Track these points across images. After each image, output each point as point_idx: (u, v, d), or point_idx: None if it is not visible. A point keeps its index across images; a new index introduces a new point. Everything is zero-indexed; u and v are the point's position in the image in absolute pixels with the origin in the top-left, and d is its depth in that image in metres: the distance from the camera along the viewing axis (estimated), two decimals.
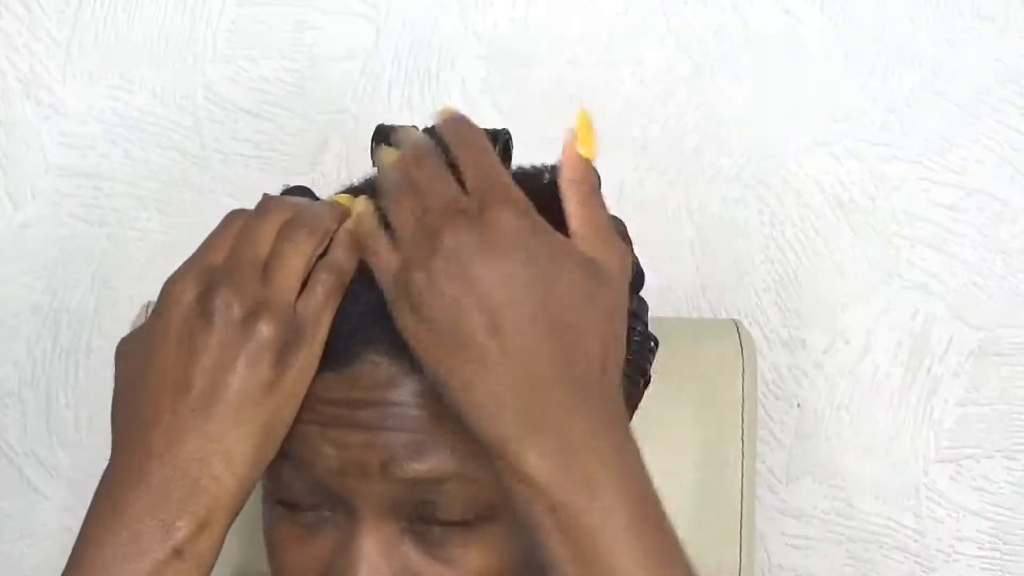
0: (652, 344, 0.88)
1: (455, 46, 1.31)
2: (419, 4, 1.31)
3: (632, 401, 0.85)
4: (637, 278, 0.86)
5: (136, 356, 0.79)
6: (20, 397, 1.34)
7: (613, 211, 1.32)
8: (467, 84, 1.31)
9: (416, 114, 1.31)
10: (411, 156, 0.79)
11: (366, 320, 0.78)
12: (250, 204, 0.91)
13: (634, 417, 0.85)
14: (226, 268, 0.78)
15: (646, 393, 0.86)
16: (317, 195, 0.88)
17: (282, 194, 0.86)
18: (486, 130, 0.84)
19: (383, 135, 0.83)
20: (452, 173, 0.78)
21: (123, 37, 1.31)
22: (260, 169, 1.31)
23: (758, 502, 1.30)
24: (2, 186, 1.32)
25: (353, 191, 0.85)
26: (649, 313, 0.92)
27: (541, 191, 0.80)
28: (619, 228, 0.85)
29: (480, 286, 0.73)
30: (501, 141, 0.84)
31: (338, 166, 1.30)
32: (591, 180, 0.81)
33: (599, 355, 0.75)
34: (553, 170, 0.84)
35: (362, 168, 0.86)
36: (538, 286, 0.74)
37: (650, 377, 0.88)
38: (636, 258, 0.85)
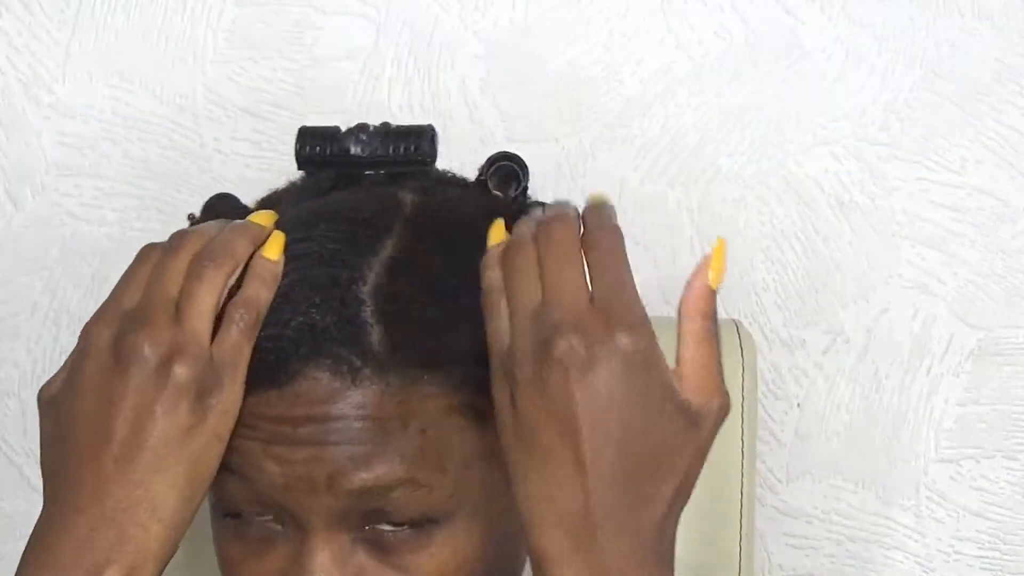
0: None
1: (455, 46, 1.31)
2: (419, 4, 1.31)
3: None
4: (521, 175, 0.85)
5: (57, 406, 0.79)
6: (20, 397, 1.34)
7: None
8: (467, 84, 1.31)
9: (416, 114, 1.31)
10: (550, 240, 0.76)
11: (305, 336, 0.77)
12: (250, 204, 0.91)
13: None
14: (139, 311, 0.78)
15: None
16: (244, 203, 0.88)
17: (205, 206, 0.85)
18: (411, 127, 0.84)
19: (310, 138, 0.83)
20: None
21: (123, 37, 1.31)
22: (260, 169, 1.31)
23: (758, 502, 1.30)
24: (2, 186, 1.32)
25: (275, 199, 0.85)
26: (650, 313, 0.91)
27: (467, 205, 0.80)
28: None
29: (578, 405, 0.72)
30: (427, 136, 0.83)
31: None
32: (713, 315, 0.77)
33: (669, 501, 0.74)
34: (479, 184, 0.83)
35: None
36: (634, 421, 0.73)
37: None
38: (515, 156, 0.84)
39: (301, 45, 1.31)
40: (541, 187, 1.33)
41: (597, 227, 0.77)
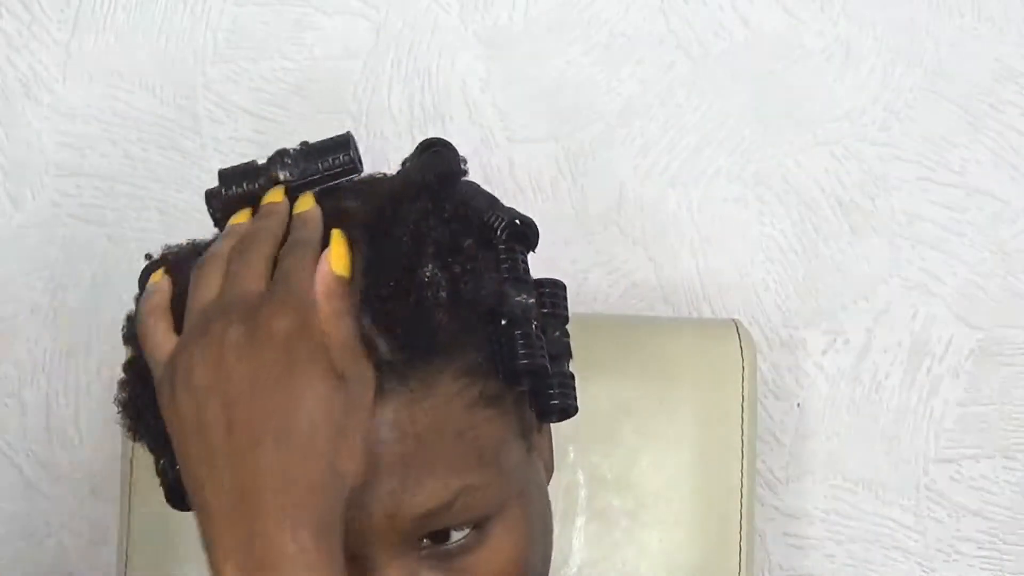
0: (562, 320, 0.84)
1: (455, 46, 1.31)
2: (419, 4, 1.31)
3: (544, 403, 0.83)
4: (533, 238, 0.83)
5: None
6: (20, 397, 1.34)
7: (613, 211, 1.32)
8: (467, 84, 1.31)
9: (416, 114, 1.31)
10: (241, 246, 0.78)
11: None
12: None
13: (633, 416, 0.85)
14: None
15: (646, 393, 0.85)
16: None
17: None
18: (332, 140, 0.84)
19: (227, 180, 0.83)
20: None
21: (123, 37, 1.31)
22: None
23: (758, 502, 1.30)
24: (2, 186, 1.32)
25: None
26: (650, 313, 0.91)
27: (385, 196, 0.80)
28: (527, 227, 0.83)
29: (229, 383, 0.73)
30: (351, 145, 0.83)
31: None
32: (343, 295, 0.77)
33: (328, 459, 0.73)
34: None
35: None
36: (281, 394, 0.72)
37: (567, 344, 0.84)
38: (527, 218, 0.83)
39: (301, 45, 1.31)
40: (542, 187, 1.33)
41: (294, 238, 0.78)
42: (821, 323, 1.33)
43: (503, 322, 0.79)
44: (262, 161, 0.84)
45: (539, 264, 0.80)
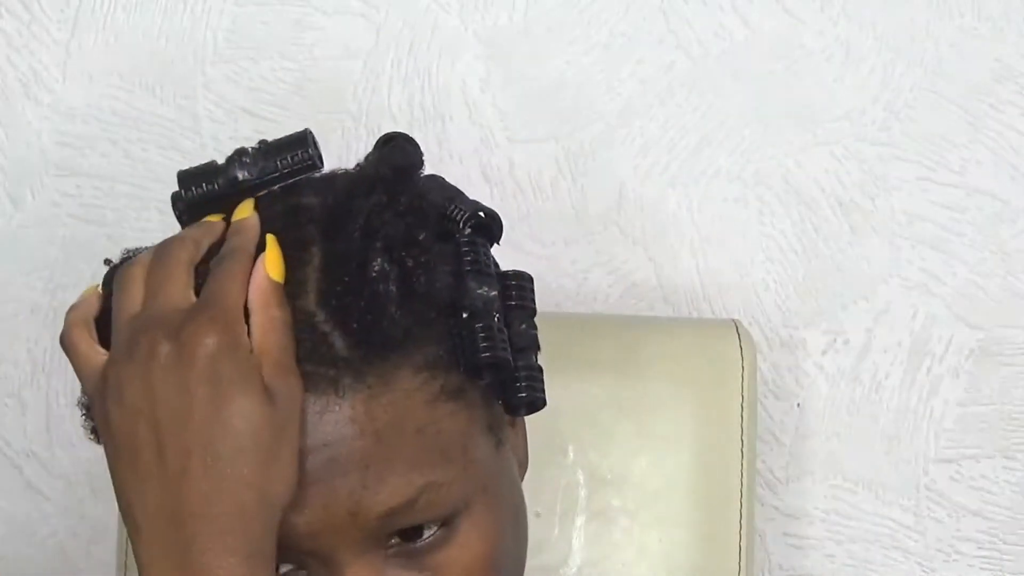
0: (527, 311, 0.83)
1: (455, 46, 1.31)
2: (419, 4, 1.31)
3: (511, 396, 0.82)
4: (497, 230, 0.83)
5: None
6: (20, 397, 1.34)
7: (613, 211, 1.32)
8: (467, 84, 1.31)
9: (416, 114, 1.31)
10: (159, 253, 0.78)
11: None
12: None
13: (633, 416, 0.85)
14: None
15: (646, 393, 0.85)
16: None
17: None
18: (290, 137, 0.83)
19: (186, 182, 0.83)
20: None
21: (123, 37, 1.31)
22: None
23: (758, 502, 1.30)
24: (2, 186, 1.32)
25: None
26: (650, 313, 0.91)
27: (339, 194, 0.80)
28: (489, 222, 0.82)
29: (157, 404, 0.73)
30: (310, 141, 0.83)
31: (338, 166, 1.30)
32: (281, 304, 0.76)
33: (258, 480, 0.73)
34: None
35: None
36: (208, 418, 0.72)
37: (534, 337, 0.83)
38: (490, 210, 0.82)
39: (301, 45, 1.31)
40: (542, 187, 1.33)
41: (228, 248, 0.78)
42: (821, 323, 1.33)
43: (464, 315, 0.78)
44: (222, 161, 0.83)
45: (539, 264, 0.80)
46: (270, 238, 0.77)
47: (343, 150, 1.31)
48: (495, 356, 0.78)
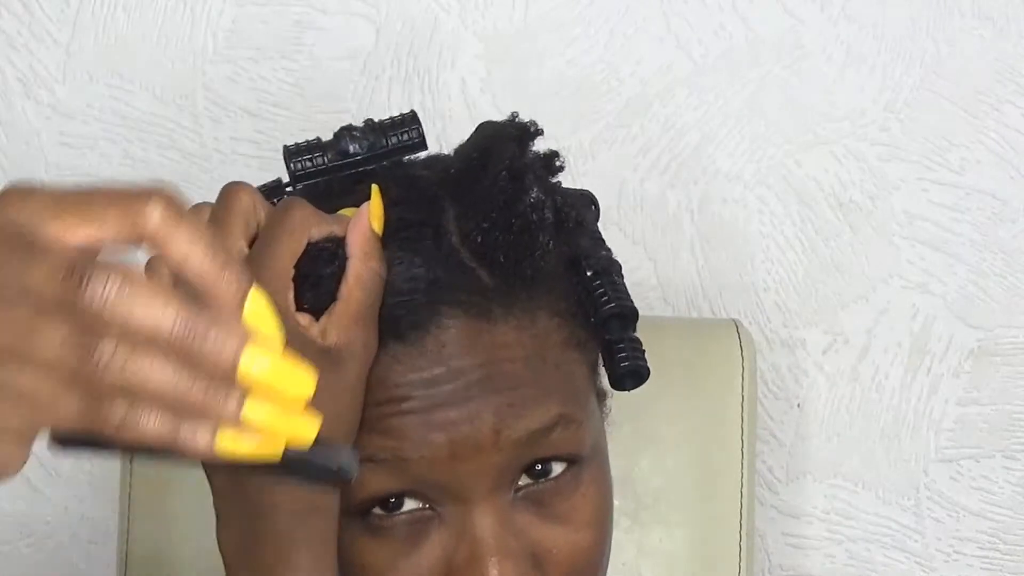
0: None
1: (455, 46, 1.31)
2: (419, 4, 1.31)
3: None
4: (597, 208, 0.86)
5: None
6: None
7: (613, 211, 1.32)
8: (467, 84, 1.31)
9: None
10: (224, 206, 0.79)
11: (422, 287, 0.76)
12: None
13: (632, 416, 0.85)
14: None
15: (646, 393, 0.85)
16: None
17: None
18: (399, 117, 0.83)
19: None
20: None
21: (123, 37, 1.31)
22: (260, 169, 1.31)
23: (758, 502, 1.30)
24: (2, 186, 1.32)
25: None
26: (650, 313, 0.92)
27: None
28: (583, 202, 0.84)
29: None
30: (417, 122, 0.83)
31: None
32: (379, 257, 0.76)
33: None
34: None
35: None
36: None
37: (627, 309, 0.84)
38: (586, 191, 0.85)
39: (301, 45, 1.31)
40: None
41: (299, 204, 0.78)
42: (821, 323, 1.33)
43: (588, 273, 0.81)
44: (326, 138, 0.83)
45: None
46: (375, 188, 0.78)
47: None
48: (624, 307, 0.81)
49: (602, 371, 0.83)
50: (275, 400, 0.58)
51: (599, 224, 0.86)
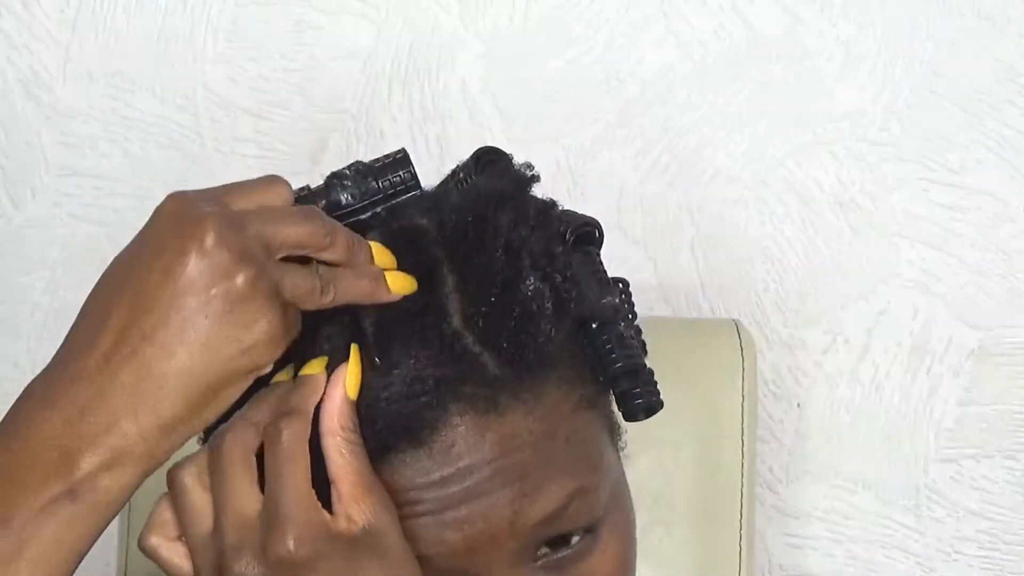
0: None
1: (455, 46, 1.31)
2: (419, 4, 1.31)
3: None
4: (600, 238, 0.84)
5: (119, 261, 0.81)
6: None
7: (613, 211, 1.32)
8: (467, 84, 1.31)
9: (416, 114, 1.31)
10: (214, 452, 0.75)
11: (426, 389, 0.74)
12: None
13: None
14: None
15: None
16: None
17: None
18: (387, 157, 0.81)
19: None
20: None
21: (123, 37, 1.31)
22: (260, 169, 1.31)
23: (758, 502, 1.30)
24: (2, 186, 1.32)
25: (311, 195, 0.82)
26: (650, 313, 0.91)
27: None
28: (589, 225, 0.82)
29: None
30: (408, 160, 0.80)
31: (338, 166, 1.30)
32: (355, 427, 0.75)
33: None
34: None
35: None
36: None
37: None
38: (592, 219, 0.83)
39: (301, 45, 1.31)
40: (542, 187, 1.33)
41: (283, 413, 0.75)
42: (821, 323, 1.33)
43: (594, 325, 0.79)
44: (314, 185, 0.80)
45: None
46: (354, 348, 0.75)
47: (343, 150, 1.31)
48: (631, 363, 0.79)
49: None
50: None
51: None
